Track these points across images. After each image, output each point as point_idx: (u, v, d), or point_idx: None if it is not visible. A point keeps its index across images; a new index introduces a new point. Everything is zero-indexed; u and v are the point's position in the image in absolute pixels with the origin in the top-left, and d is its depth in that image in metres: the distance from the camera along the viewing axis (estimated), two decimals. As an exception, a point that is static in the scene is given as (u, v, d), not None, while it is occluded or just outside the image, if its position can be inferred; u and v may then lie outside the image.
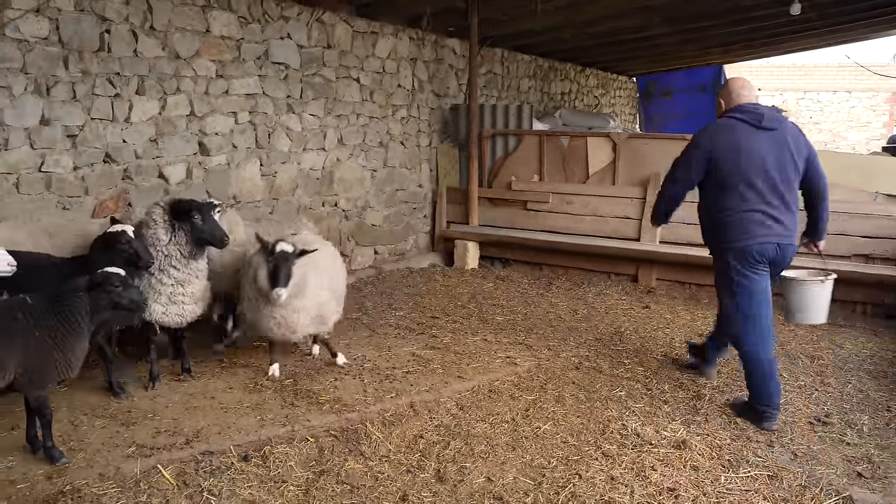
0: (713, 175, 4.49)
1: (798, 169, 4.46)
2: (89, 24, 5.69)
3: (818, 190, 4.61)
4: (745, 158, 4.38)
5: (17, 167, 5.36)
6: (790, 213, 4.46)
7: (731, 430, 4.34)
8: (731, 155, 4.41)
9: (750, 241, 4.40)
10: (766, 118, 4.44)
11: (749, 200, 4.40)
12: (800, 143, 4.48)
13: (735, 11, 9.92)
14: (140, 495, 3.51)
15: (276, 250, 4.59)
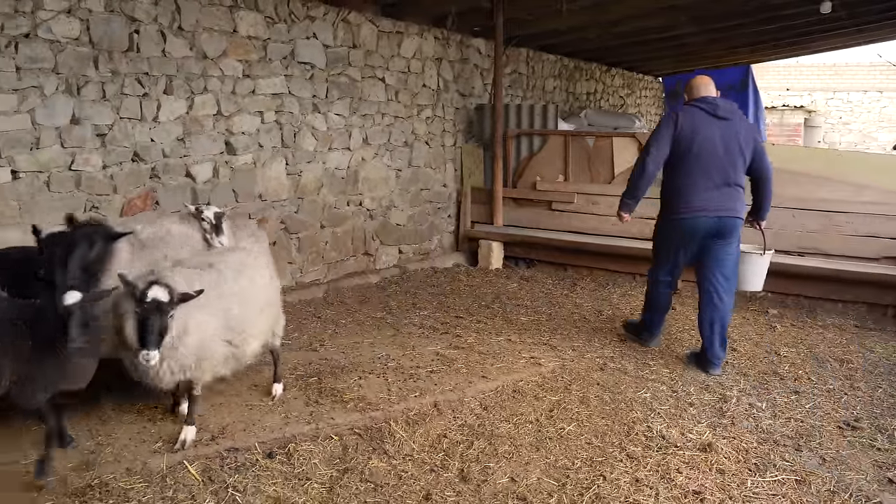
0: (674, 152, 5.21)
1: (744, 155, 5.18)
2: (119, 24, 5.77)
3: (762, 175, 5.34)
4: (700, 139, 5.11)
5: (48, 165, 5.45)
6: (732, 190, 5.18)
7: (758, 434, 4.29)
8: (689, 134, 5.13)
9: (686, 214, 5.19)
10: (721, 109, 5.20)
11: (695, 176, 5.14)
12: (748, 134, 5.23)
13: (763, 10, 9.81)
14: (166, 490, 3.54)
15: (147, 298, 3.50)
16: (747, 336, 6.26)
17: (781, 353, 5.78)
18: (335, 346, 5.80)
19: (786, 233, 7.64)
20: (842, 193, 7.60)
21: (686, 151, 5.14)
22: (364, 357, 5.50)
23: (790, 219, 7.63)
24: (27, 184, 5.34)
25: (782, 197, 7.70)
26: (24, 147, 5.29)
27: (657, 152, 5.26)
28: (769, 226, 7.58)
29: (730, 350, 5.84)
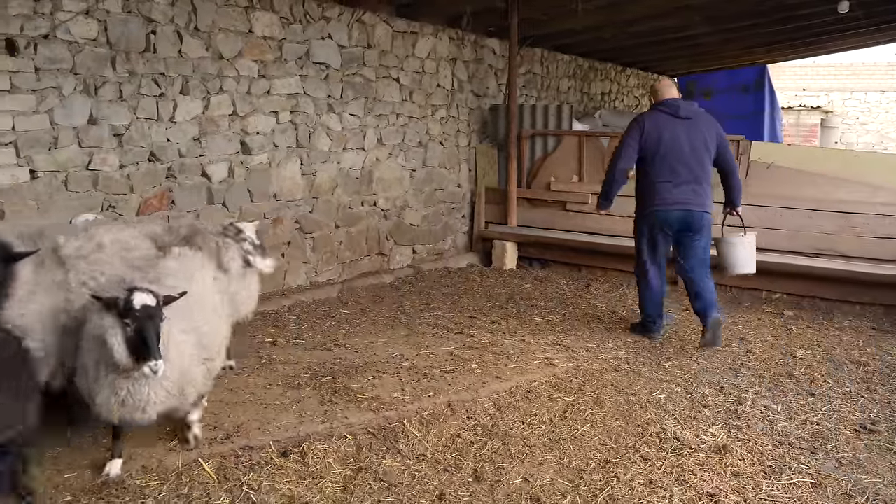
0: (643, 154, 5.69)
1: (710, 151, 5.67)
2: (136, 25, 5.81)
3: (728, 167, 5.81)
4: (666, 140, 5.59)
5: (65, 165, 5.50)
6: (700, 185, 5.63)
7: (774, 436, 4.26)
8: (655, 137, 5.62)
9: (660, 207, 5.64)
10: (682, 110, 5.68)
11: (664, 174, 5.61)
12: (711, 130, 5.70)
13: (779, 10, 9.75)
14: (181, 488, 3.56)
15: (135, 305, 3.17)
16: (763, 338, 6.22)
17: (797, 355, 5.74)
18: (349, 346, 5.81)
19: (802, 234, 7.60)
20: (859, 194, 7.54)
21: (654, 152, 5.64)
22: (378, 357, 5.52)
23: (806, 220, 7.58)
24: (45, 183, 5.39)
25: (798, 198, 7.67)
26: (42, 147, 5.35)
27: (626, 158, 5.76)
28: (784, 226, 7.59)
29: (745, 352, 5.83)
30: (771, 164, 7.91)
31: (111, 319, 3.21)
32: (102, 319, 3.24)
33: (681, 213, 5.64)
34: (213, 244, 4.46)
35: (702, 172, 5.64)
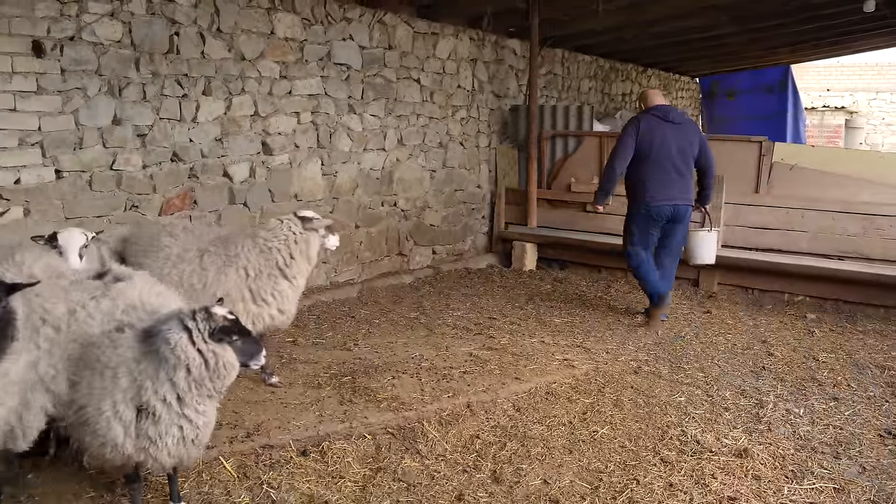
0: (636, 153, 6.27)
1: (693, 152, 6.34)
2: (160, 27, 5.87)
3: (706, 167, 6.46)
4: (658, 142, 6.22)
5: (90, 165, 5.56)
6: (684, 182, 6.32)
7: (795, 440, 4.23)
8: (648, 138, 6.23)
9: (655, 202, 6.25)
10: (672, 115, 6.36)
11: (657, 171, 6.24)
12: (695, 135, 6.41)
13: (805, 10, 9.66)
14: (202, 486, 3.60)
15: (220, 321, 2.99)
16: (785, 341, 6.17)
17: (820, 359, 5.68)
18: (369, 346, 5.83)
19: (825, 236, 7.51)
20: (884, 196, 7.45)
21: (647, 152, 6.25)
22: (397, 357, 5.53)
23: (830, 221, 7.50)
24: (70, 183, 5.46)
25: (822, 199, 7.59)
26: (67, 147, 5.41)
27: (623, 156, 6.35)
28: (807, 228, 7.52)
29: (767, 355, 5.79)
30: (794, 166, 7.83)
31: (195, 337, 2.92)
32: (171, 334, 2.91)
33: (670, 208, 6.29)
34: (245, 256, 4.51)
35: (687, 171, 6.35)
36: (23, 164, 5.18)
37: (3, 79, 4.99)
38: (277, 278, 4.50)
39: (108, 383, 2.94)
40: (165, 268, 4.37)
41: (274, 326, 4.68)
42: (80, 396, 2.99)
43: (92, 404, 2.96)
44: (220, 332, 2.95)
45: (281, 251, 4.49)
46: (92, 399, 2.96)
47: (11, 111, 5.07)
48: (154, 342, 2.93)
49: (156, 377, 2.91)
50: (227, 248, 4.49)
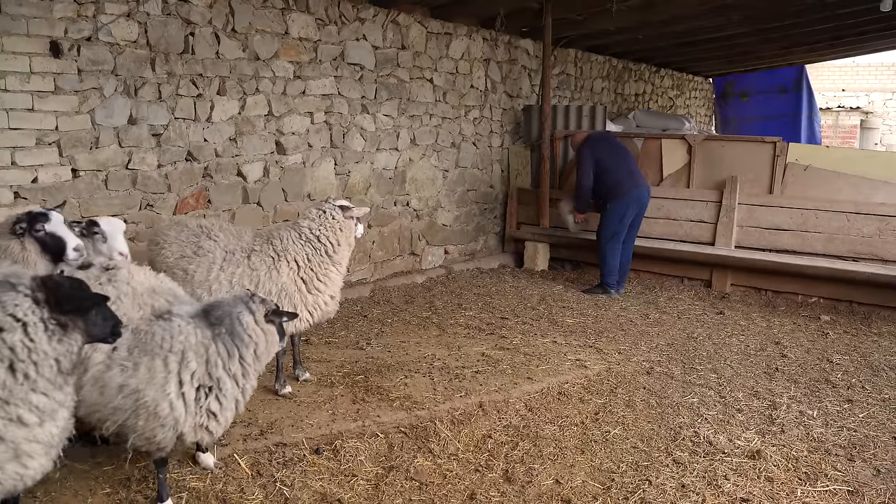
0: (598, 167, 7.61)
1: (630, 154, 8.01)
2: (175, 27, 5.90)
3: None
4: (611, 152, 7.70)
5: (106, 164, 5.61)
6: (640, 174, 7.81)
7: (809, 442, 4.21)
8: (603, 153, 7.66)
9: (633, 189, 7.53)
10: (608, 134, 8.38)
11: (619, 173, 7.55)
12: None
13: (820, 9, 9.59)
14: (216, 483, 3.62)
15: (272, 308, 3.43)
16: (798, 342, 6.14)
17: (834, 361, 5.66)
18: (381, 345, 5.85)
19: (839, 237, 7.47)
20: (899, 197, 7.41)
21: (607, 163, 7.57)
22: (410, 356, 5.55)
23: (844, 223, 7.46)
24: (86, 182, 5.51)
25: (836, 200, 7.55)
26: (84, 146, 5.46)
27: (588, 175, 7.64)
28: (821, 229, 7.47)
29: (780, 356, 5.77)
30: (809, 166, 7.80)
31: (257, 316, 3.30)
32: (244, 317, 3.27)
33: (645, 191, 7.65)
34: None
35: (636, 166, 7.90)
36: (40, 163, 5.23)
37: (21, 79, 5.04)
38: (327, 265, 4.57)
39: (173, 366, 3.12)
40: (213, 272, 4.42)
41: (327, 314, 4.72)
42: (138, 381, 3.10)
43: (152, 388, 3.10)
44: (272, 314, 3.36)
45: (329, 238, 4.58)
46: (153, 383, 3.10)
47: (29, 111, 5.12)
48: (225, 325, 3.24)
49: (227, 356, 3.21)
50: (272, 243, 4.55)
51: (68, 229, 3.69)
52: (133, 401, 3.10)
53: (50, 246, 3.56)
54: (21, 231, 3.53)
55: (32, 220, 3.56)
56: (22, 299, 2.42)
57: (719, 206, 8.13)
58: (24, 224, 3.54)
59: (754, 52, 13.47)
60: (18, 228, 3.53)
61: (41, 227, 3.56)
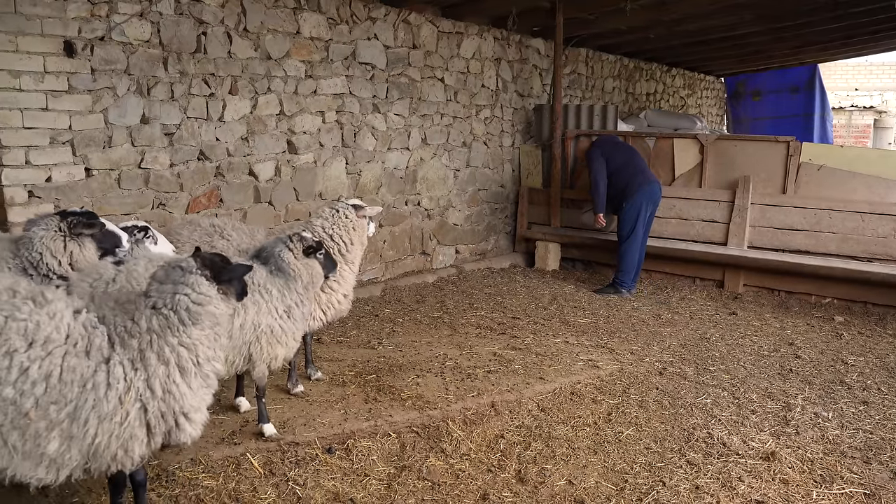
0: (609, 167, 7.79)
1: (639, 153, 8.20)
2: (187, 26, 5.91)
3: None
4: (619, 152, 7.92)
5: (118, 164, 5.62)
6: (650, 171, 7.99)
7: (824, 444, 4.18)
8: (612, 154, 7.87)
9: (646, 185, 7.67)
10: (615, 136, 8.44)
11: (630, 173, 7.71)
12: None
13: (833, 8, 9.52)
14: (229, 481, 3.62)
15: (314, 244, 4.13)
16: (812, 343, 6.10)
17: (849, 362, 5.62)
18: (393, 345, 5.85)
19: (854, 237, 7.41)
20: (915, 197, 7.35)
21: (616, 163, 7.77)
22: (422, 356, 5.54)
23: (859, 223, 7.40)
24: (99, 181, 5.52)
25: (850, 200, 7.49)
26: (97, 146, 5.48)
27: (602, 171, 7.77)
28: (835, 229, 7.41)
29: (794, 357, 5.73)
30: (822, 166, 7.74)
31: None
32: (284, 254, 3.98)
33: (657, 186, 7.78)
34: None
35: (645, 164, 8.09)
36: (54, 162, 5.25)
37: (35, 78, 5.06)
38: (340, 264, 4.56)
39: (266, 297, 3.89)
40: None
41: (340, 313, 4.74)
42: (252, 315, 3.82)
43: (264, 317, 3.86)
44: (309, 249, 4.01)
45: (342, 237, 4.60)
46: (261, 313, 3.85)
47: (43, 110, 5.14)
48: (272, 263, 3.96)
49: (287, 287, 3.94)
50: None
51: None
52: (253, 331, 3.82)
53: (104, 243, 3.80)
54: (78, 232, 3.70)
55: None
56: (199, 279, 2.91)
57: (732, 206, 8.08)
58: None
59: (766, 52, 13.40)
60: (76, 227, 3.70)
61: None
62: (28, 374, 2.52)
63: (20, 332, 2.55)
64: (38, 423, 2.53)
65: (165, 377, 2.76)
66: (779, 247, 7.78)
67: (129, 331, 2.77)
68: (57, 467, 2.63)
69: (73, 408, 2.59)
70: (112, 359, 2.70)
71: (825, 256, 7.48)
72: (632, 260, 7.78)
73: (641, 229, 7.73)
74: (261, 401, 4.08)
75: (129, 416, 2.70)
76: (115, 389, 2.67)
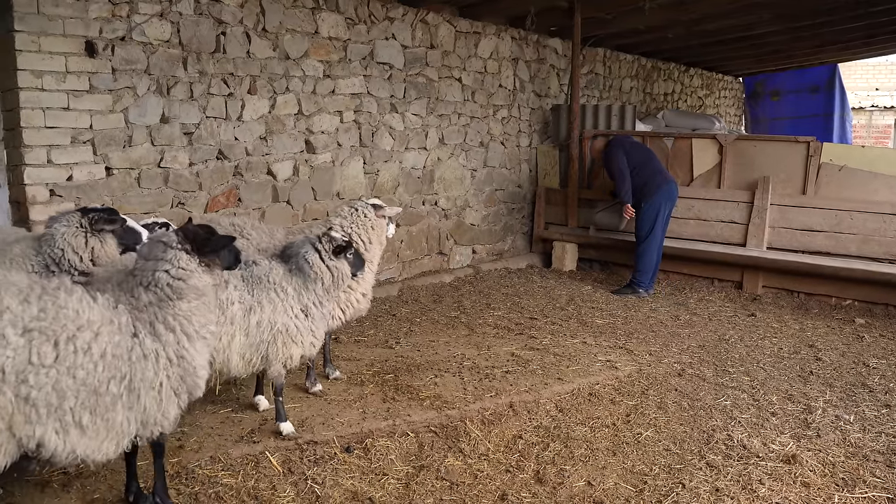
0: (630, 164, 7.73)
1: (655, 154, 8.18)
2: (207, 26, 5.95)
3: None
4: (637, 150, 7.93)
5: (138, 163, 5.67)
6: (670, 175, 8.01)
7: (846, 448, 4.13)
8: (631, 150, 7.85)
9: (665, 184, 7.70)
10: (631, 136, 8.38)
11: (649, 171, 7.72)
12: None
13: (853, 7, 9.43)
14: (248, 479, 3.63)
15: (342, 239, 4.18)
16: (833, 346, 6.04)
17: (870, 365, 5.55)
18: (410, 344, 5.85)
19: (875, 239, 7.33)
20: (937, 198, 7.26)
21: (634, 161, 7.74)
22: (439, 356, 5.54)
23: (880, 224, 7.31)
24: (119, 180, 5.57)
25: (872, 202, 7.41)
26: (117, 145, 5.52)
27: (626, 167, 7.72)
28: (856, 230, 7.34)
29: (814, 359, 5.68)
30: (844, 167, 7.66)
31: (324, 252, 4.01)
32: (310, 256, 3.98)
33: (675, 185, 7.83)
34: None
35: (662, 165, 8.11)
36: (75, 161, 5.30)
37: (57, 78, 5.11)
38: None
39: (282, 295, 3.91)
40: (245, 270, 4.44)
41: (359, 312, 4.75)
42: (268, 313, 3.86)
43: (280, 315, 3.88)
44: (338, 249, 3.99)
45: (361, 236, 4.60)
46: (277, 311, 3.87)
47: (65, 110, 5.19)
48: (293, 262, 3.98)
49: (305, 287, 3.95)
50: None
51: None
52: (269, 330, 3.84)
53: (125, 239, 3.84)
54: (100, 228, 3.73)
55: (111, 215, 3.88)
56: (179, 253, 2.98)
57: (751, 207, 8.02)
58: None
59: (785, 51, 13.28)
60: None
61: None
62: (91, 353, 2.68)
63: (70, 318, 2.67)
64: (105, 398, 2.72)
65: (176, 344, 2.95)
66: (798, 248, 7.71)
67: (137, 307, 2.92)
68: (117, 440, 2.82)
69: (128, 380, 2.80)
70: (139, 332, 2.88)
71: (846, 258, 7.40)
72: (650, 260, 7.76)
73: (660, 229, 7.71)
74: (278, 400, 4.10)
75: (163, 382, 2.92)
76: (151, 359, 2.88)
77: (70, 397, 2.62)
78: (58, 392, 2.59)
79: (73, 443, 2.67)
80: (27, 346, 2.54)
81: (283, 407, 4.12)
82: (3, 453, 2.55)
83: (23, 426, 2.55)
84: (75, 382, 2.63)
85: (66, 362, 2.61)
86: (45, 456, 2.65)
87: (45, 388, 2.56)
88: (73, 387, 2.63)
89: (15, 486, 3.43)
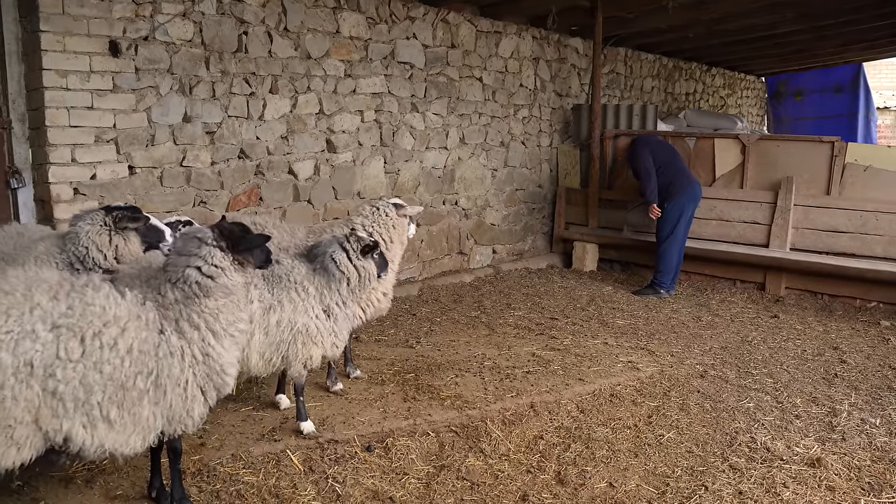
0: (655, 163, 7.69)
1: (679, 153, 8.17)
2: (229, 26, 5.98)
3: None
4: (663, 149, 7.90)
5: (161, 162, 5.70)
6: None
7: (872, 451, 4.07)
8: (657, 150, 7.83)
9: (689, 185, 7.70)
10: (656, 134, 8.42)
11: (674, 170, 7.72)
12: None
13: (879, 5, 9.30)
14: (269, 478, 3.64)
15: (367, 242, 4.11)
16: (858, 348, 5.97)
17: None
18: (431, 344, 5.84)
19: (901, 240, 7.23)
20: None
21: (659, 160, 7.71)
22: (460, 355, 5.53)
23: (906, 225, 7.22)
24: (142, 179, 5.61)
25: None
26: (140, 144, 5.56)
27: (652, 166, 7.67)
28: (881, 231, 7.24)
29: (839, 362, 5.62)
30: (869, 167, 7.56)
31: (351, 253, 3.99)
32: (337, 255, 3.95)
33: (699, 186, 7.79)
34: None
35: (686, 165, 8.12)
36: (98, 160, 5.34)
37: (81, 78, 5.15)
38: None
39: (303, 295, 3.89)
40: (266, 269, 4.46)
41: (380, 311, 4.76)
42: (288, 313, 3.83)
43: (300, 315, 3.85)
44: (366, 249, 3.97)
45: (382, 235, 4.61)
46: (297, 311, 3.85)
47: (89, 109, 5.23)
48: (318, 262, 3.96)
49: (328, 287, 3.92)
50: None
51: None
52: (289, 330, 3.82)
53: (149, 237, 3.87)
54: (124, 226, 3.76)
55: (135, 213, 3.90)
56: (214, 250, 2.99)
57: (774, 208, 7.93)
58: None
59: (809, 50, 13.13)
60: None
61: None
62: (117, 348, 2.71)
63: (97, 314, 2.71)
64: (132, 393, 2.75)
65: (202, 342, 2.96)
66: (822, 249, 7.62)
67: (163, 304, 2.94)
68: (143, 434, 2.85)
69: (154, 376, 2.83)
70: (165, 329, 2.90)
71: (871, 259, 7.30)
72: (671, 261, 7.71)
73: (682, 230, 7.68)
74: (299, 399, 4.10)
75: (189, 379, 2.94)
76: (177, 356, 2.90)
77: (97, 392, 2.66)
78: (85, 386, 2.63)
79: (101, 437, 2.71)
80: (55, 342, 2.58)
81: (304, 406, 4.12)
82: (28, 446, 2.59)
83: (49, 420, 2.59)
84: (102, 377, 2.67)
85: (92, 357, 2.64)
86: (74, 450, 2.69)
87: (72, 383, 2.60)
88: (100, 381, 2.66)
89: (39, 482, 3.46)
